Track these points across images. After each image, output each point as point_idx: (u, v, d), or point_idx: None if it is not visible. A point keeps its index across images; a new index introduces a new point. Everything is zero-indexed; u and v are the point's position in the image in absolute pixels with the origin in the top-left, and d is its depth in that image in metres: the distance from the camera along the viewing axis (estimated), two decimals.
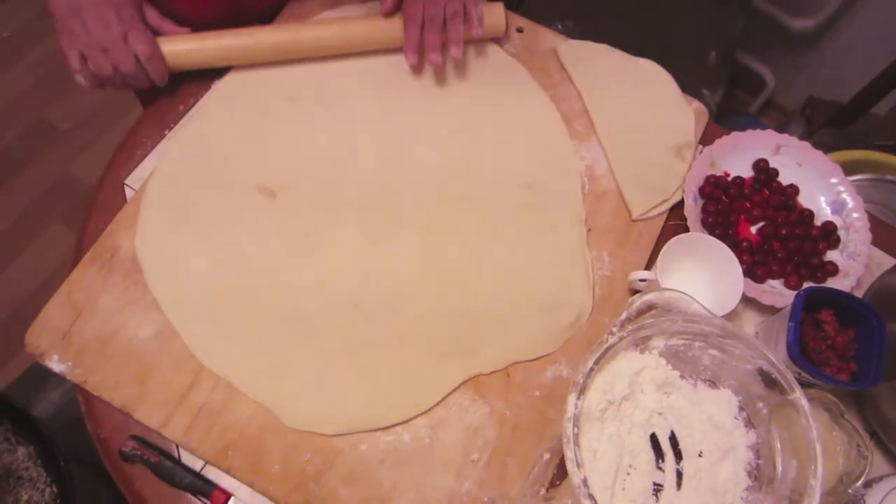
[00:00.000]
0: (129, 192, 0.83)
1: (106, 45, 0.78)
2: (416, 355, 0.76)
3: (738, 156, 0.89)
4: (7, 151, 1.88)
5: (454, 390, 0.75)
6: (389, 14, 0.89)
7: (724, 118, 1.67)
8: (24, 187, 1.84)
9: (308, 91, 0.90)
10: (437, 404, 0.74)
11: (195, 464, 0.72)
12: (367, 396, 0.75)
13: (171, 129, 0.87)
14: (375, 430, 0.73)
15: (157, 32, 0.83)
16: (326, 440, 0.72)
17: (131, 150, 0.86)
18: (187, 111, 0.88)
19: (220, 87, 0.90)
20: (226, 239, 0.81)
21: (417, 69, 0.91)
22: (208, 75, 0.89)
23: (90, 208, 0.83)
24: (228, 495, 0.70)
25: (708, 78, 1.39)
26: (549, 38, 0.97)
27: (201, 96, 0.89)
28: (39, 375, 1.49)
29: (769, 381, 0.68)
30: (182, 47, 0.85)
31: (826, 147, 0.96)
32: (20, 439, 0.91)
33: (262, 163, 0.85)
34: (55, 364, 0.74)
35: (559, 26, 1.39)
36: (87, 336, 0.75)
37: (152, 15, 0.84)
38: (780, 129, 0.90)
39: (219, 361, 0.75)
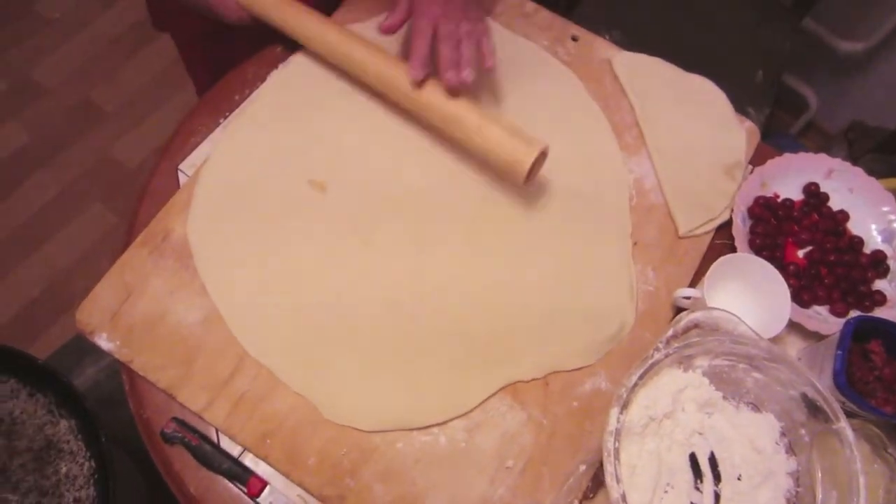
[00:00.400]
0: (182, 178, 0.84)
1: None
2: (458, 357, 0.77)
3: (788, 178, 0.88)
4: (53, 129, 1.91)
5: (493, 395, 0.75)
6: (391, 30, 0.85)
7: (765, 138, 1.66)
8: (66, 165, 1.87)
9: (364, 87, 0.90)
10: (475, 408, 0.74)
11: (233, 450, 0.72)
12: (407, 395, 0.75)
13: (226, 117, 0.87)
14: (413, 429, 0.73)
15: None
16: (363, 436, 0.72)
17: (186, 136, 0.87)
18: (242, 101, 0.89)
19: (275, 77, 0.91)
20: (275, 230, 0.82)
21: (420, 86, 0.83)
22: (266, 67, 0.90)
23: (143, 191, 0.84)
24: (265, 483, 0.71)
25: (754, 97, 1.38)
26: (604, 49, 0.97)
27: (257, 86, 0.90)
28: (76, 352, 1.53)
29: (813, 409, 0.67)
30: None
31: (874, 174, 0.95)
32: (63, 412, 0.93)
33: (314, 156, 0.86)
34: (103, 342, 0.75)
35: (606, 37, 1.39)
36: (135, 317, 0.76)
37: None
38: (821, 152, 0.89)
39: (262, 350, 0.75)
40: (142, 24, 2.01)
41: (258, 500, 0.70)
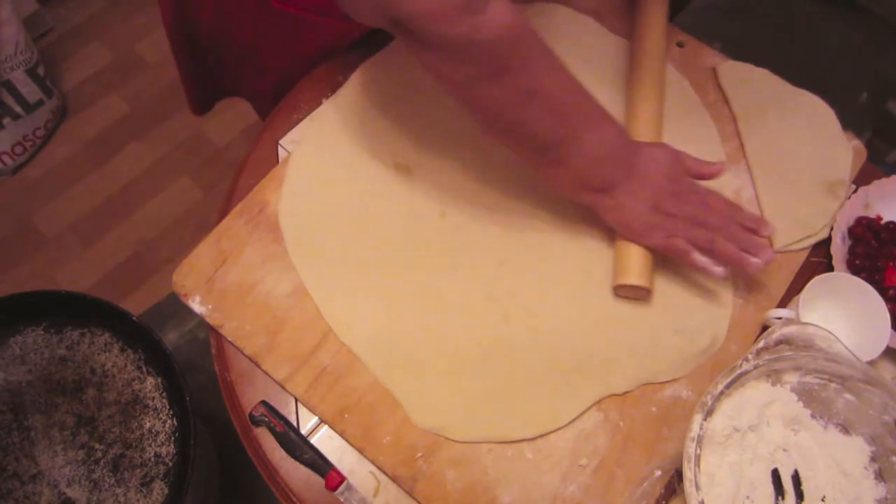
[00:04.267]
0: (281, 153, 0.86)
1: None
2: (552, 372, 0.75)
3: (895, 201, 0.85)
4: (151, 104, 1.98)
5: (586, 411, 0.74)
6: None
7: None
8: (159, 139, 1.93)
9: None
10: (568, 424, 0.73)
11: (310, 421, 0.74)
12: (499, 408, 0.74)
13: (328, 96, 0.89)
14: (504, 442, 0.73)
15: None
16: None
17: (289, 112, 0.89)
18: (345, 81, 0.90)
19: (374, 60, 0.92)
20: (364, 212, 0.82)
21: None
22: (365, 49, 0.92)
23: (244, 162, 0.86)
24: (343, 478, 0.71)
25: (856, 119, 1.34)
26: (710, 57, 0.95)
27: (358, 67, 0.91)
28: (156, 319, 1.58)
29: None
30: None
31: None
32: (150, 370, 0.96)
33: (403, 138, 0.86)
34: (196, 305, 0.77)
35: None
36: (228, 283, 0.78)
37: None
38: None
39: (352, 337, 0.76)
40: None
41: (334, 493, 0.71)
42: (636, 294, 0.78)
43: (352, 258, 0.80)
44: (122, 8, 2.11)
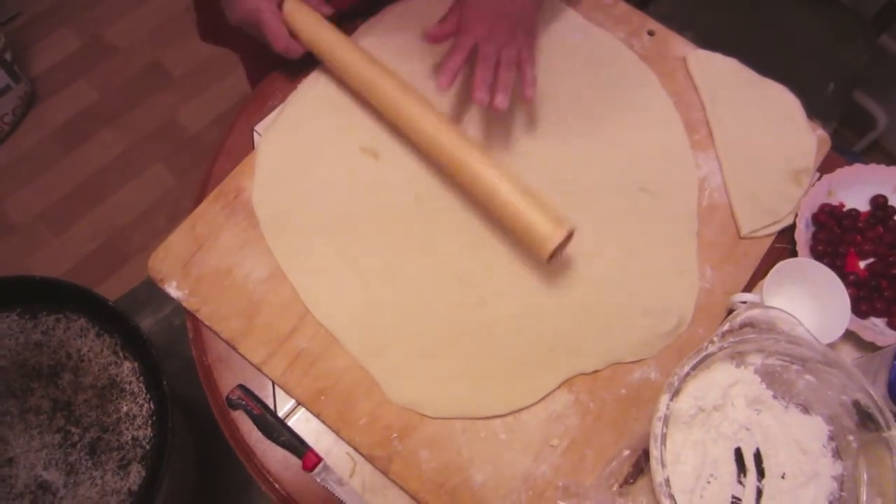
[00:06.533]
0: (257, 139, 0.87)
1: None
2: (522, 350, 0.77)
3: (856, 188, 0.88)
4: (121, 90, 1.96)
5: (555, 389, 0.76)
6: (434, 39, 0.85)
7: None
8: (131, 126, 1.92)
9: (426, 58, 0.91)
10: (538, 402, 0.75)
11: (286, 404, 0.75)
12: (471, 385, 0.76)
13: (301, 82, 0.89)
14: (476, 418, 0.74)
15: None
16: None
17: (264, 98, 0.89)
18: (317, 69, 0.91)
19: None
20: (336, 196, 0.83)
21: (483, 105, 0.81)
22: None
23: (219, 149, 0.87)
24: (319, 459, 0.72)
25: (822, 109, 1.37)
26: (679, 46, 0.97)
27: None
28: (131, 305, 1.58)
29: (864, 416, 0.68)
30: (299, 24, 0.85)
31: None
32: (127, 354, 0.97)
33: (370, 124, 0.87)
34: (173, 290, 0.78)
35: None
36: (205, 268, 0.79)
37: None
38: None
39: (330, 317, 0.77)
40: None
41: (311, 473, 0.72)
42: (565, 245, 0.77)
43: (327, 241, 0.81)
44: None
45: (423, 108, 0.81)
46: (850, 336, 0.79)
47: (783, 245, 0.86)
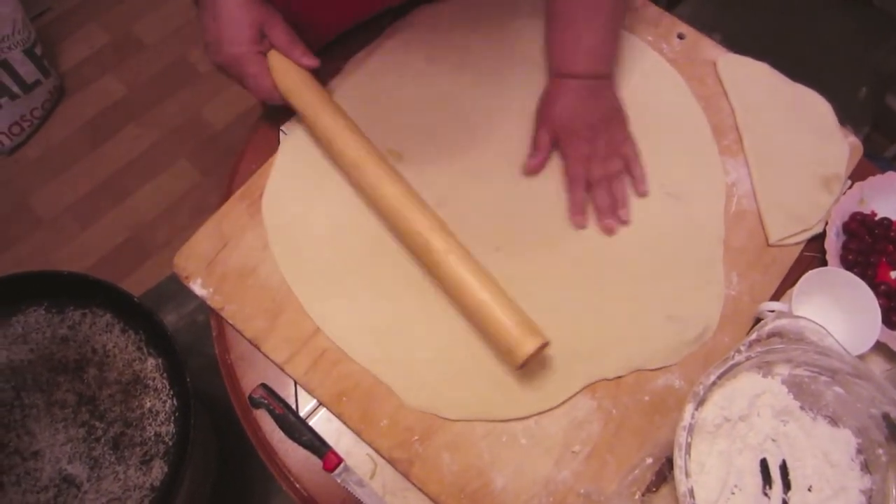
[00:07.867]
0: (282, 138, 0.87)
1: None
2: (544, 353, 0.76)
3: (889, 197, 0.86)
4: (148, 85, 1.98)
5: (576, 393, 0.75)
6: (534, 171, 0.85)
7: None
8: (157, 121, 1.93)
9: (450, 55, 0.91)
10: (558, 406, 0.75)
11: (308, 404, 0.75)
12: (492, 388, 0.75)
13: (327, 85, 0.90)
14: (495, 420, 0.74)
15: None
16: None
17: None
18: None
19: (369, 49, 0.92)
20: (354, 200, 0.83)
21: (583, 225, 0.83)
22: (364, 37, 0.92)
23: (245, 146, 0.87)
24: (340, 460, 0.72)
25: (854, 114, 1.35)
26: (709, 49, 0.96)
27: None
28: (154, 300, 1.59)
29: (894, 429, 0.66)
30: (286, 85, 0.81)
31: None
32: (151, 350, 0.97)
33: (393, 125, 0.87)
34: (198, 288, 0.78)
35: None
36: (229, 266, 0.79)
37: (280, 35, 0.81)
38: None
39: (336, 330, 0.77)
40: None
41: (332, 474, 0.72)
42: (539, 353, 0.72)
43: (334, 250, 0.80)
44: None
45: (399, 193, 0.77)
46: (880, 348, 0.78)
47: (812, 254, 0.85)
